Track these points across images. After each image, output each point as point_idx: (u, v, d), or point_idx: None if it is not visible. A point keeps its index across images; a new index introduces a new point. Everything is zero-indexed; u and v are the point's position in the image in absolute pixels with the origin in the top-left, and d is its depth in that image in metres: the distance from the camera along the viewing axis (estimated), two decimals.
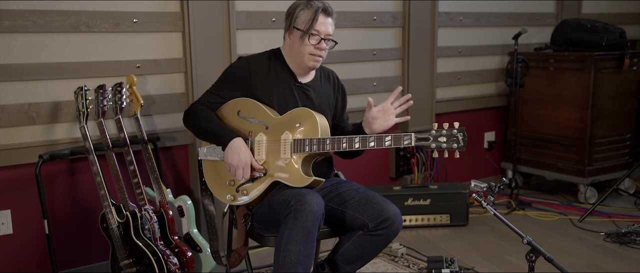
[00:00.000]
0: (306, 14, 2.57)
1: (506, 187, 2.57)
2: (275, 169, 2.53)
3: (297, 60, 2.63)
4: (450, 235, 3.95)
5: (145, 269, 2.99)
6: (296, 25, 2.58)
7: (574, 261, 3.49)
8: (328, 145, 2.44)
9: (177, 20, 3.42)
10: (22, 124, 3.09)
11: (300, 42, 2.58)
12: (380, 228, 2.51)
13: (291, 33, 2.61)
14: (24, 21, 3.00)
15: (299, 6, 2.59)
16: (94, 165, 3.00)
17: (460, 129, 2.36)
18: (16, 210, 3.15)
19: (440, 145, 2.36)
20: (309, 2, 2.58)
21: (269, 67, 2.65)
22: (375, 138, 2.41)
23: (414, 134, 2.36)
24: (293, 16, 2.60)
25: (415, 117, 4.45)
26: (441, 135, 2.36)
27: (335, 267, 2.61)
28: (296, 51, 2.61)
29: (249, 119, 2.60)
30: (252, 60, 2.66)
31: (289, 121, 2.54)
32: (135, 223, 3.00)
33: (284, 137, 2.52)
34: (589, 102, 4.40)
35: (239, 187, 2.58)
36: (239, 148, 2.51)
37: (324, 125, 2.52)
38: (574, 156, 4.55)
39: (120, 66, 3.29)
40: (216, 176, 2.66)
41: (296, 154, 2.48)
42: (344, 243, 2.60)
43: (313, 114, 2.50)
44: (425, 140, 2.36)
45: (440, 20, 4.48)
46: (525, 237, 2.45)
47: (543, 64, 4.68)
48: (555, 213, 4.34)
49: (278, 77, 2.64)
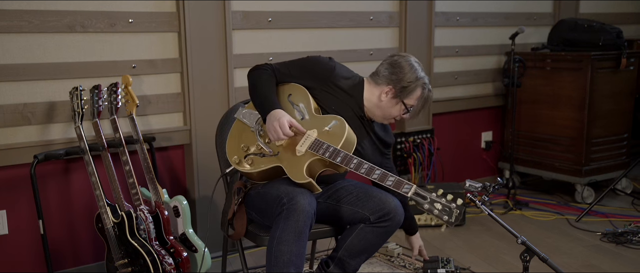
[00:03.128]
0: (417, 94, 2.69)
1: (501, 187, 2.55)
2: (286, 156, 2.55)
3: (378, 112, 2.73)
4: (447, 235, 3.95)
5: (140, 269, 2.99)
6: (405, 99, 2.68)
7: (570, 261, 3.49)
8: (340, 158, 2.44)
9: (173, 20, 3.41)
10: (18, 124, 3.09)
11: (395, 107, 2.70)
12: (382, 221, 2.53)
13: (392, 93, 2.68)
14: (19, 21, 3.00)
15: (415, 84, 2.68)
16: (89, 165, 3.00)
17: (459, 206, 2.30)
18: (11, 210, 3.15)
19: (432, 210, 2.30)
20: (422, 79, 2.69)
21: (348, 87, 2.71)
22: (380, 173, 2.40)
23: (415, 187, 2.34)
24: (406, 88, 2.67)
25: (412, 118, 4.44)
26: (438, 202, 2.31)
27: (341, 262, 2.61)
28: (384, 108, 2.71)
29: (294, 105, 2.66)
30: (338, 69, 2.73)
31: (323, 122, 2.57)
32: (131, 223, 3.00)
33: (310, 132, 2.54)
34: (585, 102, 4.40)
35: (248, 155, 2.63)
36: (276, 113, 2.54)
37: (349, 140, 2.52)
38: (571, 156, 4.55)
39: (115, 66, 3.29)
40: (237, 137, 2.72)
41: (310, 152, 2.49)
42: (346, 237, 2.60)
43: (346, 125, 2.52)
44: (422, 198, 2.32)
45: (437, 20, 4.48)
46: (519, 237, 2.45)
47: (540, 63, 4.68)
48: (552, 213, 4.34)
49: (349, 100, 2.70)
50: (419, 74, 2.68)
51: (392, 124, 2.84)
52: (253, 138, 2.67)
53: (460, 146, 4.86)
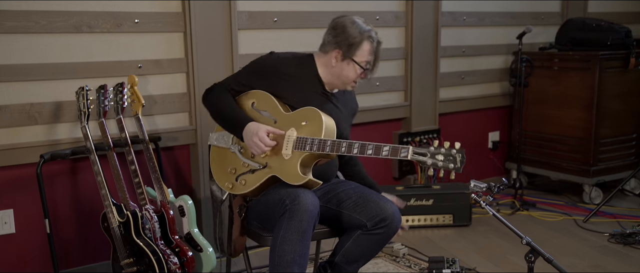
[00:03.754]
0: (366, 48, 2.59)
1: (506, 187, 2.54)
2: (275, 163, 2.53)
3: (336, 80, 2.65)
4: (453, 236, 3.94)
5: (145, 268, 3.00)
6: (354, 57, 2.58)
7: (577, 262, 3.47)
8: (328, 146, 2.43)
9: (179, 20, 3.42)
10: (24, 124, 3.10)
11: (348, 68, 2.61)
12: (378, 228, 2.51)
13: (340, 55, 2.61)
14: (26, 22, 3.02)
15: (361, 38, 2.58)
16: (95, 165, 3.02)
17: (459, 150, 2.31)
18: (18, 209, 3.17)
19: (436, 163, 2.31)
20: (368, 32, 2.59)
21: (298, 70, 2.66)
22: (374, 147, 2.38)
23: (412, 148, 2.33)
24: (352, 45, 2.58)
25: (419, 118, 4.45)
26: (439, 153, 2.31)
27: (337, 267, 2.62)
28: (339, 74, 2.63)
29: (261, 111, 2.63)
30: (281, 58, 2.68)
31: (297, 118, 2.54)
32: (136, 223, 3.01)
33: (289, 133, 2.52)
34: (593, 102, 4.38)
35: (239, 176, 2.60)
36: (251, 127, 2.52)
37: (329, 127, 2.50)
38: (578, 156, 4.53)
39: (121, 66, 3.30)
40: (221, 163, 2.70)
41: (297, 151, 2.48)
42: (343, 243, 2.61)
43: (320, 114, 2.50)
44: (422, 155, 2.32)
45: (444, 19, 4.47)
46: (524, 238, 2.44)
47: (547, 63, 4.66)
48: (560, 213, 4.32)
49: (305, 81, 2.65)
50: (363, 28, 2.59)
51: (355, 85, 2.70)
52: (236, 158, 2.65)
53: (467, 146, 4.80)
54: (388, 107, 4.36)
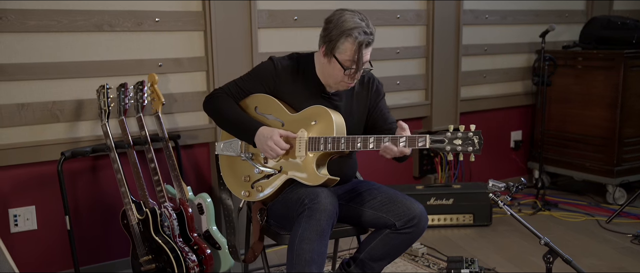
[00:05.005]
0: (348, 46, 2.42)
1: (525, 187, 2.51)
2: (290, 167, 2.53)
3: (328, 79, 2.56)
4: (473, 235, 3.92)
5: (164, 266, 3.03)
6: (335, 54, 2.45)
7: (599, 263, 3.43)
8: (343, 144, 2.43)
9: (199, 19, 3.45)
10: (46, 122, 3.15)
11: (332, 66, 2.48)
12: (408, 227, 2.51)
13: (326, 55, 2.49)
14: (49, 21, 3.06)
15: (341, 35, 2.41)
16: (115, 163, 3.05)
17: (476, 132, 2.29)
18: (40, 206, 3.22)
19: (455, 148, 2.30)
20: (351, 30, 2.40)
21: (297, 73, 2.61)
22: (390, 139, 2.37)
23: (429, 136, 2.31)
24: (333, 43, 2.43)
25: (439, 116, 4.42)
26: (456, 138, 2.30)
27: (363, 264, 2.61)
28: (328, 74, 2.53)
29: (266, 115, 2.60)
30: (281, 63, 2.61)
31: (305, 119, 2.53)
32: (155, 220, 3.04)
33: (299, 134, 2.51)
34: (618, 101, 4.33)
35: (254, 183, 2.59)
36: (263, 132, 2.49)
37: (339, 124, 2.49)
38: (602, 156, 4.48)
39: (142, 65, 3.34)
40: (232, 172, 2.69)
41: (311, 152, 2.48)
42: (370, 241, 2.60)
43: (328, 112, 2.48)
44: (439, 143, 2.31)
45: (465, 18, 4.44)
46: (542, 238, 2.42)
47: (571, 62, 4.61)
48: (582, 214, 4.27)
49: (306, 85, 2.60)
50: (348, 26, 2.40)
51: (349, 85, 2.54)
52: (248, 166, 2.62)
53: (489, 145, 4.81)
54: (409, 106, 4.34)
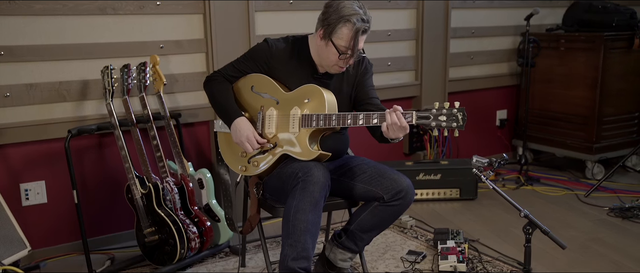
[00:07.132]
0: (345, 32, 2.54)
1: (506, 162, 2.64)
2: (285, 142, 2.67)
3: (322, 61, 2.68)
4: (459, 209, 4.11)
5: (166, 237, 3.18)
6: (332, 38, 2.57)
7: (577, 234, 3.62)
8: (334, 120, 2.56)
9: (198, 2, 3.58)
10: (54, 101, 3.30)
11: (328, 49, 2.60)
12: (395, 200, 2.63)
13: (324, 38, 2.60)
14: (55, 4, 3.19)
15: (340, 20, 2.53)
16: (119, 140, 3.18)
17: (460, 109, 2.40)
18: (50, 181, 3.38)
19: (440, 124, 2.41)
20: (350, 16, 2.52)
21: (291, 54, 2.73)
22: (379, 116, 2.49)
23: (415, 113, 2.44)
24: (331, 27, 2.55)
25: (429, 96, 4.58)
26: (441, 114, 2.41)
27: (353, 235, 2.76)
28: (323, 56, 2.64)
29: (262, 94, 2.74)
30: (275, 45, 2.74)
31: (298, 97, 2.66)
32: (157, 194, 3.18)
33: (293, 112, 2.65)
34: (598, 81, 4.50)
35: (250, 158, 2.74)
36: (239, 125, 2.67)
37: (331, 101, 2.62)
38: (582, 134, 4.66)
39: (144, 46, 3.47)
40: (230, 148, 2.83)
41: (304, 128, 2.62)
42: (360, 214, 2.73)
43: (321, 90, 2.61)
44: (425, 119, 2.43)
45: (454, 1, 4.59)
46: (522, 211, 2.54)
47: (554, 44, 4.77)
48: (562, 188, 4.46)
49: (299, 66, 2.73)
50: (347, 12, 2.52)
51: (342, 69, 2.67)
52: None
53: (476, 123, 4.98)
54: (399, 86, 4.51)
